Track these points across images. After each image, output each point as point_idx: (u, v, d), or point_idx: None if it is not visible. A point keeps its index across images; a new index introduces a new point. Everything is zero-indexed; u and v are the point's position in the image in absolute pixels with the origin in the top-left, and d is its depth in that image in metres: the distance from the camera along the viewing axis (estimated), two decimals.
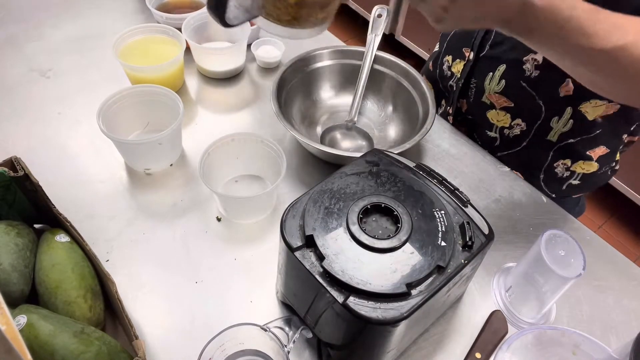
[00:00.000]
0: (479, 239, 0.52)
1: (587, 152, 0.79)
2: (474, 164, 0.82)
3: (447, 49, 0.88)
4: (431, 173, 0.58)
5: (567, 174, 0.82)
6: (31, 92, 0.87)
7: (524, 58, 0.74)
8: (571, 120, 0.75)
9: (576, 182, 0.83)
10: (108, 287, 0.55)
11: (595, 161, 0.80)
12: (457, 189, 0.57)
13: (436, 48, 0.95)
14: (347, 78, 0.87)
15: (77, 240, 0.59)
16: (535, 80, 0.74)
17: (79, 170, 0.76)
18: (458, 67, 0.84)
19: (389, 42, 2.29)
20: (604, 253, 0.72)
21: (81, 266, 0.56)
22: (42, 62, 0.92)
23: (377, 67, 0.86)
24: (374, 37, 0.83)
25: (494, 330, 0.61)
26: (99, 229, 0.69)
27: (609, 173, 0.85)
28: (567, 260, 0.56)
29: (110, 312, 0.60)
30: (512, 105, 0.79)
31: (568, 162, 0.81)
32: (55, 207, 0.59)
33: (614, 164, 0.84)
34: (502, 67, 0.77)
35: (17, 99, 0.85)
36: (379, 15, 0.84)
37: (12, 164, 0.58)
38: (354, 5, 2.35)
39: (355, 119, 0.82)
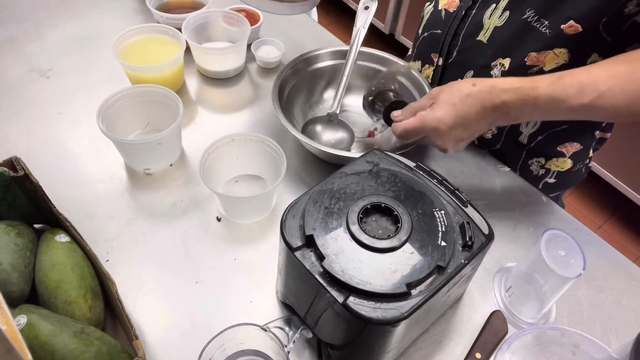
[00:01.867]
0: (479, 239, 0.52)
1: (559, 148, 0.80)
2: (474, 164, 0.82)
3: (417, 54, 0.88)
4: (431, 173, 0.58)
5: (542, 171, 0.83)
6: (31, 92, 0.87)
7: (492, 63, 0.74)
8: (538, 121, 0.77)
9: (552, 180, 0.84)
10: (108, 287, 0.55)
11: (569, 158, 0.81)
12: (457, 189, 0.57)
13: (410, 52, 0.95)
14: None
15: (77, 240, 0.59)
16: None
17: (79, 170, 0.76)
18: (427, 72, 0.85)
19: (388, 42, 2.29)
20: (604, 253, 0.72)
21: (81, 266, 0.56)
22: (42, 62, 0.92)
23: (378, 67, 0.86)
24: (360, 30, 0.82)
25: (494, 330, 0.61)
26: (99, 229, 0.69)
27: (583, 171, 0.86)
28: (567, 260, 0.56)
29: (110, 312, 0.60)
30: None
31: (542, 160, 0.82)
32: (55, 207, 0.59)
33: (587, 161, 0.85)
34: (470, 73, 0.77)
35: (17, 99, 0.85)
36: (366, 8, 0.83)
37: (12, 164, 0.58)
38: (353, 5, 2.35)
39: (337, 112, 0.81)
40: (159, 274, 0.65)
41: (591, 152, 0.84)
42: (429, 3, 0.85)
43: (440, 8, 0.79)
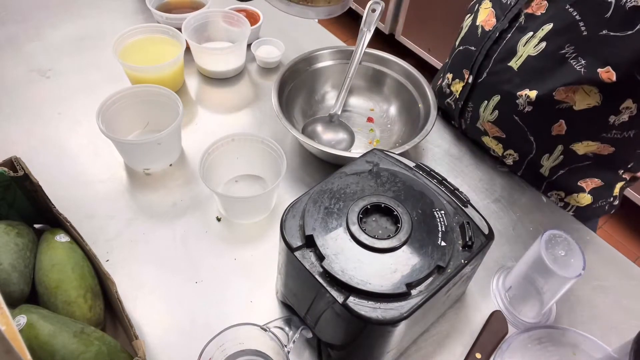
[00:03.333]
0: (479, 239, 0.52)
1: (579, 183, 0.77)
2: (474, 164, 0.82)
3: (451, 67, 0.85)
4: (431, 173, 0.58)
5: (561, 204, 0.80)
6: (31, 92, 0.87)
7: (518, 93, 0.71)
8: (561, 156, 0.74)
9: (570, 213, 0.81)
10: (108, 287, 0.55)
11: (588, 193, 0.78)
12: (457, 189, 0.57)
13: (447, 59, 0.94)
14: None
15: (77, 240, 0.59)
16: (528, 115, 0.72)
17: (79, 170, 0.76)
18: (457, 87, 0.83)
19: (388, 42, 2.29)
20: (604, 253, 0.72)
21: (81, 266, 0.56)
22: (42, 62, 0.92)
23: (378, 67, 0.86)
24: (366, 33, 0.82)
25: (494, 330, 0.61)
26: (99, 229, 0.69)
27: (607, 208, 0.82)
28: (567, 260, 0.56)
29: (110, 312, 0.60)
30: (504, 136, 0.78)
31: (562, 193, 0.79)
32: (55, 207, 0.59)
33: (611, 199, 0.81)
34: (497, 98, 0.75)
35: (17, 99, 0.85)
36: (373, 10, 0.82)
37: (12, 164, 0.58)
38: (353, 5, 2.35)
39: (339, 113, 0.81)
40: (159, 274, 0.65)
41: (617, 190, 0.80)
42: (469, 15, 0.82)
43: (477, 24, 0.77)
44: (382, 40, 2.31)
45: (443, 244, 0.50)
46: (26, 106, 0.84)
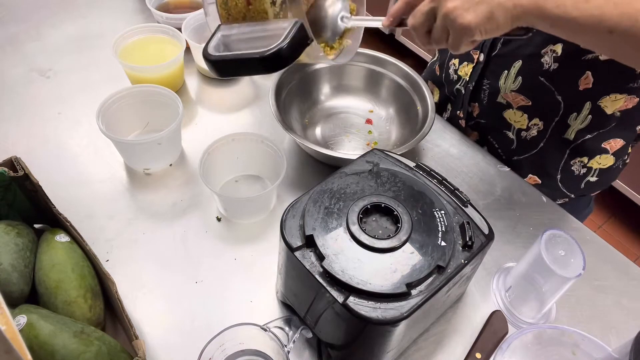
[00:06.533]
0: (479, 239, 0.52)
1: (603, 145, 0.78)
2: (474, 164, 0.82)
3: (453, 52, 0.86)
4: (431, 173, 0.58)
5: (584, 171, 0.81)
6: (31, 92, 0.87)
7: (542, 51, 0.72)
8: (590, 116, 0.74)
9: (594, 178, 0.82)
10: (108, 287, 0.55)
11: (612, 154, 0.79)
12: (457, 189, 0.57)
13: (437, 55, 0.94)
14: (346, 79, 0.87)
15: (77, 240, 0.59)
16: (554, 73, 0.72)
17: (79, 170, 0.76)
18: (465, 69, 0.83)
19: (388, 42, 2.29)
20: (604, 253, 0.72)
21: (81, 266, 0.56)
22: (42, 62, 0.92)
23: (376, 68, 0.86)
24: None
25: (494, 330, 0.61)
26: (99, 229, 0.69)
27: (620, 167, 0.84)
28: (567, 260, 0.56)
29: (110, 312, 0.60)
30: (530, 104, 0.77)
31: (585, 159, 0.80)
32: (55, 207, 0.59)
33: (625, 157, 0.83)
34: (518, 64, 0.75)
35: (17, 99, 0.85)
36: None
37: (12, 164, 0.58)
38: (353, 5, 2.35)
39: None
40: (159, 273, 0.65)
41: (630, 148, 0.82)
42: None
43: None
44: (382, 40, 2.31)
45: (443, 244, 0.50)
46: (26, 106, 0.84)
